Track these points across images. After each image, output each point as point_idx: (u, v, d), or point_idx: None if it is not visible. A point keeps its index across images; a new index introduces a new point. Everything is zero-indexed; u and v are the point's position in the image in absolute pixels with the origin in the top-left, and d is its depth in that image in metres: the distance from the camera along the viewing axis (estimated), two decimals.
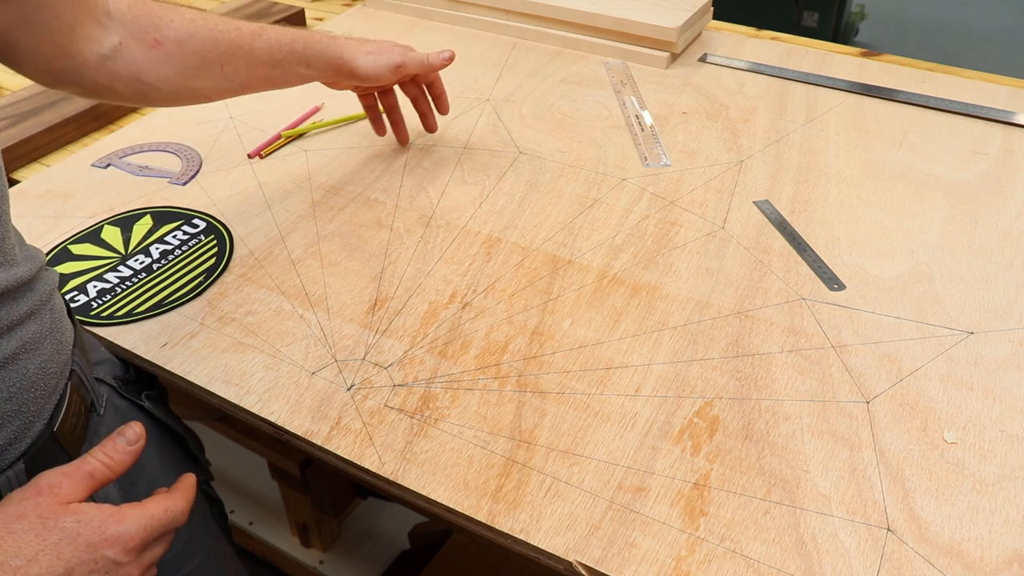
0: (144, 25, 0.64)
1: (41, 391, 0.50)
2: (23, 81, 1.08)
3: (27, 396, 0.49)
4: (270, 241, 0.76)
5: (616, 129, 0.91)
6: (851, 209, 0.78)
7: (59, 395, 0.52)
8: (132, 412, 0.62)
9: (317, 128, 0.93)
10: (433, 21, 1.17)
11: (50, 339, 0.51)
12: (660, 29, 1.01)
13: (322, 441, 0.58)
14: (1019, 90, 0.96)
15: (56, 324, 0.53)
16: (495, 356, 0.64)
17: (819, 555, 0.50)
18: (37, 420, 0.50)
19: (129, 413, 0.62)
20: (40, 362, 0.50)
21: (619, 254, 0.73)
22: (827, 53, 1.06)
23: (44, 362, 0.50)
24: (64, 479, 0.45)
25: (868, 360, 0.62)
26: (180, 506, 0.49)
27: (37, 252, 0.53)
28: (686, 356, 0.63)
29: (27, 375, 0.49)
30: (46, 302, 0.52)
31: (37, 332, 0.50)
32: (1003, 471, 0.54)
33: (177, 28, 0.66)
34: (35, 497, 0.44)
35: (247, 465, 1.26)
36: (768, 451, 0.56)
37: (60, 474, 0.46)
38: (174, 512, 0.48)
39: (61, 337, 0.53)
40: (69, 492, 0.45)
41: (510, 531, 0.52)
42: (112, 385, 0.61)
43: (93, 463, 0.47)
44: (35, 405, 0.50)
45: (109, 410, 0.60)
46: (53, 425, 0.51)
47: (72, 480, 0.45)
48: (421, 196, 0.82)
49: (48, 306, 0.52)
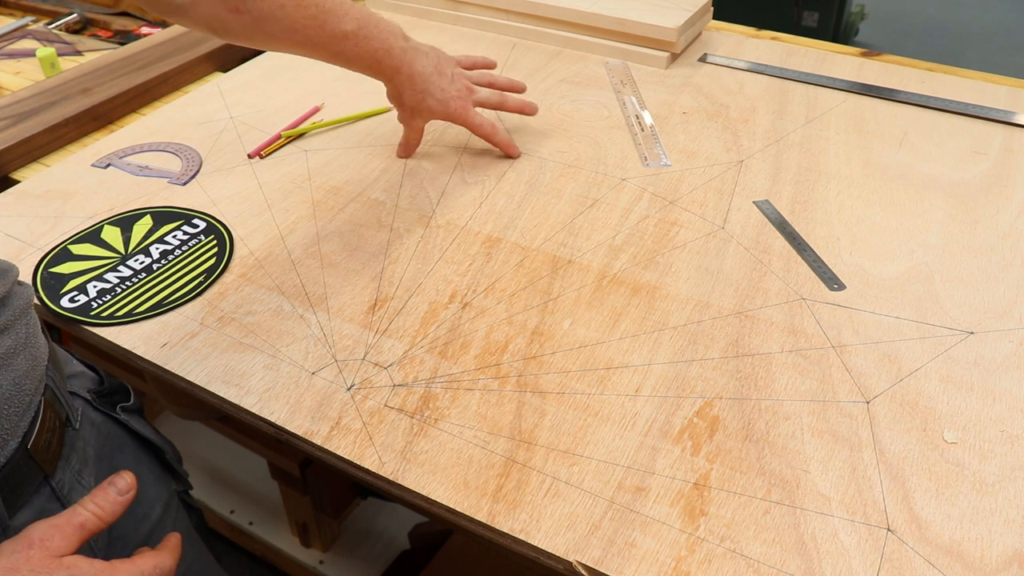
0: None
1: (15, 408, 0.49)
2: (23, 81, 1.08)
3: (0, 414, 0.48)
4: (270, 241, 0.76)
5: (616, 129, 0.91)
6: (851, 209, 0.78)
7: (33, 411, 0.51)
8: (107, 425, 0.61)
9: (317, 128, 0.93)
10: (433, 21, 1.17)
11: (24, 355, 0.50)
12: (660, 29, 1.01)
13: (322, 441, 0.57)
14: (1019, 90, 0.96)
15: (31, 340, 0.51)
16: (495, 356, 0.64)
17: (819, 555, 0.50)
18: (11, 438, 0.49)
19: (104, 426, 0.61)
20: (14, 379, 0.49)
21: (619, 254, 0.73)
22: (827, 53, 1.06)
23: (18, 379, 0.49)
24: (55, 532, 0.45)
25: (868, 360, 0.62)
26: (169, 564, 0.50)
27: (10, 267, 0.52)
28: (686, 356, 0.63)
29: (0, 392, 0.48)
30: (20, 317, 0.51)
31: (11, 348, 0.49)
32: (1003, 471, 0.54)
33: (262, 6, 0.69)
34: (26, 551, 0.44)
35: (247, 465, 1.26)
36: (768, 451, 0.56)
37: (51, 526, 0.45)
38: (163, 569, 0.49)
39: (36, 353, 0.52)
40: (61, 545, 0.45)
41: (510, 531, 0.52)
42: (86, 398, 0.60)
43: (84, 514, 0.46)
44: (8, 423, 0.49)
45: (85, 424, 0.59)
46: (27, 442, 0.50)
47: (63, 533, 0.45)
48: (421, 196, 0.82)
49: (23, 321, 0.51)
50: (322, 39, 0.73)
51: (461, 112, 0.83)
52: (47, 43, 1.18)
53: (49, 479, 0.53)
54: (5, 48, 1.18)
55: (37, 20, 1.29)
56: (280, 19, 0.70)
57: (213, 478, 1.27)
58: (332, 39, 0.74)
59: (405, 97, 0.81)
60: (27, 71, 1.11)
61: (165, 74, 1.02)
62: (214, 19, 0.69)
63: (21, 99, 0.96)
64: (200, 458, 1.29)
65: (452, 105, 0.82)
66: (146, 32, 1.25)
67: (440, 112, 0.82)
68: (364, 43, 0.76)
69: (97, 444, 0.59)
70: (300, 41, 0.73)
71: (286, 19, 0.70)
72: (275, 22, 0.70)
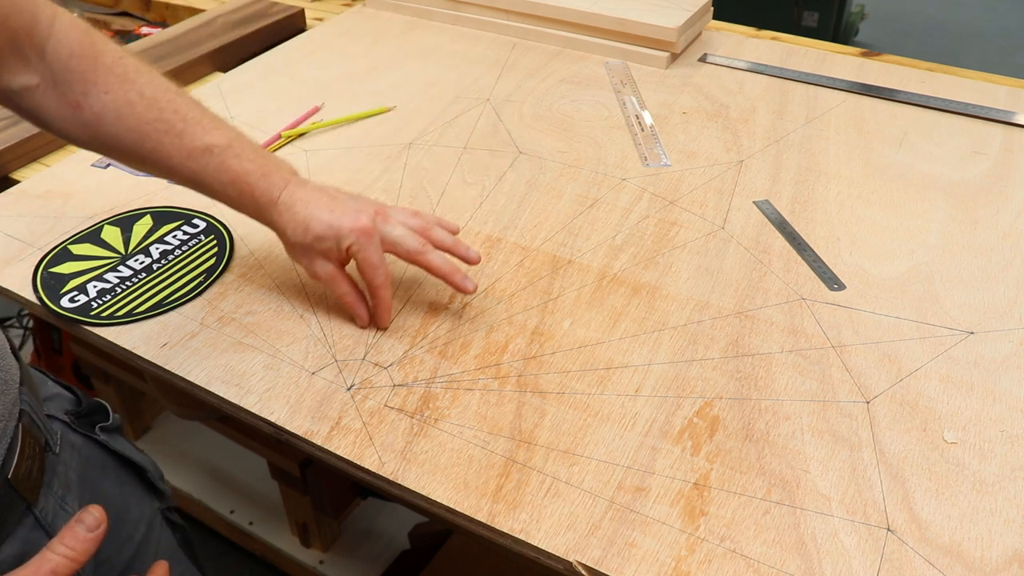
0: (72, 82, 0.58)
1: None
2: None
3: None
4: (270, 241, 0.76)
5: (616, 129, 0.91)
6: (851, 209, 0.78)
7: (10, 438, 0.49)
8: (88, 447, 0.60)
9: (317, 128, 0.93)
10: (433, 21, 1.17)
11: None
12: (660, 29, 1.01)
13: (322, 441, 0.57)
14: (1019, 90, 0.96)
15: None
16: (495, 356, 0.64)
17: (819, 555, 0.50)
18: None
19: (85, 448, 0.59)
20: None
21: (619, 254, 0.73)
22: (827, 53, 1.06)
23: None
24: None
25: (868, 360, 0.62)
26: None
27: None
28: (686, 356, 0.63)
29: None
30: None
31: None
32: (1003, 471, 0.54)
33: (106, 103, 0.59)
34: None
35: (247, 465, 1.26)
36: (768, 451, 0.56)
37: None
38: None
39: (6, 376, 0.50)
40: None
41: (510, 531, 0.52)
42: (65, 420, 0.58)
43: (55, 559, 0.43)
44: None
45: (65, 447, 0.56)
46: (7, 471, 0.48)
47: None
48: (421, 196, 0.82)
49: None
50: (178, 150, 0.60)
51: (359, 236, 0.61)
52: None
53: (32, 507, 0.51)
54: None
55: None
56: (126, 119, 0.59)
57: (213, 478, 1.27)
58: (191, 153, 0.61)
59: (288, 228, 0.62)
60: None
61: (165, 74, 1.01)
62: (51, 114, 0.59)
63: None
64: (200, 458, 1.29)
65: (346, 225, 0.61)
66: (146, 32, 1.25)
67: (331, 234, 0.61)
68: (233, 161, 0.62)
69: (79, 467, 0.58)
70: (151, 151, 0.60)
71: (133, 120, 0.59)
72: (120, 122, 0.59)
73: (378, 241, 0.63)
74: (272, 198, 0.62)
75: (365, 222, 0.62)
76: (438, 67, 1.05)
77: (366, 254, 0.62)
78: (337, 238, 0.62)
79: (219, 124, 0.63)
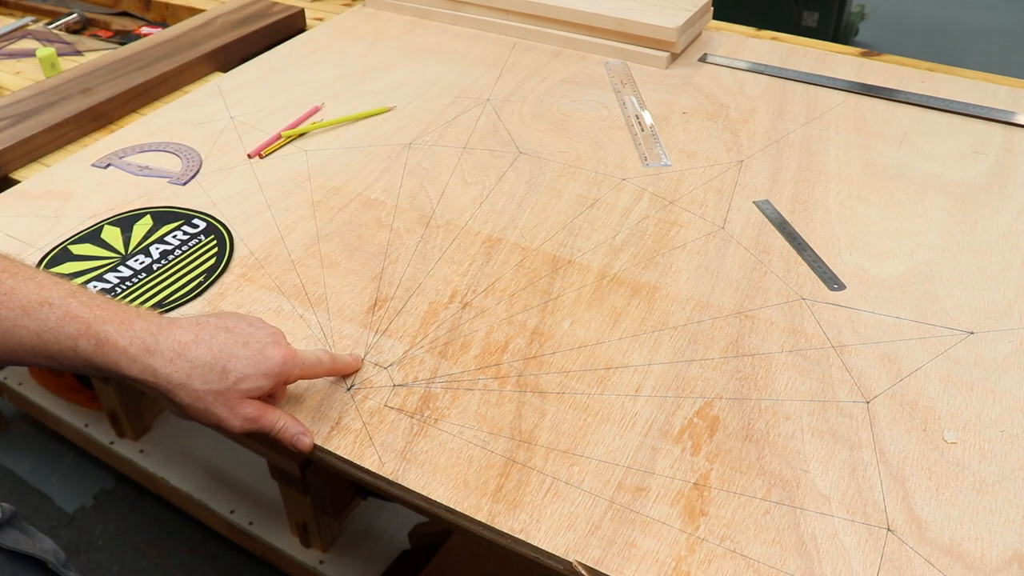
0: None
1: None
2: (23, 81, 1.08)
3: None
4: (270, 241, 0.76)
5: (616, 129, 0.91)
6: (851, 209, 0.78)
7: None
8: None
9: (317, 128, 0.93)
10: (433, 21, 1.17)
11: None
12: (660, 29, 1.01)
13: (322, 441, 0.57)
14: (1019, 90, 0.96)
15: None
16: (495, 356, 0.64)
17: (819, 555, 0.50)
18: None
19: None
20: None
21: (619, 254, 0.73)
22: (827, 53, 1.06)
23: None
24: None
25: (868, 360, 0.62)
26: None
27: None
28: (686, 356, 0.63)
29: None
30: None
31: None
32: (1003, 471, 0.54)
33: None
34: None
35: (247, 465, 1.26)
36: (768, 451, 0.56)
37: None
38: None
39: None
40: None
41: (510, 531, 0.52)
42: None
43: None
44: None
45: None
46: None
47: None
48: (421, 196, 0.82)
49: None
50: (9, 310, 0.50)
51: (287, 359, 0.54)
52: (47, 43, 1.18)
53: None
54: (5, 48, 1.18)
55: (37, 20, 1.29)
56: None
57: (213, 478, 1.27)
58: (24, 310, 0.50)
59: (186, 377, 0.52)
60: (27, 71, 1.11)
61: (165, 74, 1.02)
62: None
63: (21, 99, 0.96)
64: (200, 458, 1.29)
65: (277, 355, 0.54)
66: (146, 32, 1.25)
67: (275, 369, 0.54)
68: (81, 310, 0.51)
69: None
70: None
71: None
72: None
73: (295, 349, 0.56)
74: (146, 345, 0.51)
75: (280, 338, 0.55)
76: (438, 67, 1.05)
77: (303, 368, 0.56)
78: (280, 374, 0.54)
79: (56, 280, 0.53)
